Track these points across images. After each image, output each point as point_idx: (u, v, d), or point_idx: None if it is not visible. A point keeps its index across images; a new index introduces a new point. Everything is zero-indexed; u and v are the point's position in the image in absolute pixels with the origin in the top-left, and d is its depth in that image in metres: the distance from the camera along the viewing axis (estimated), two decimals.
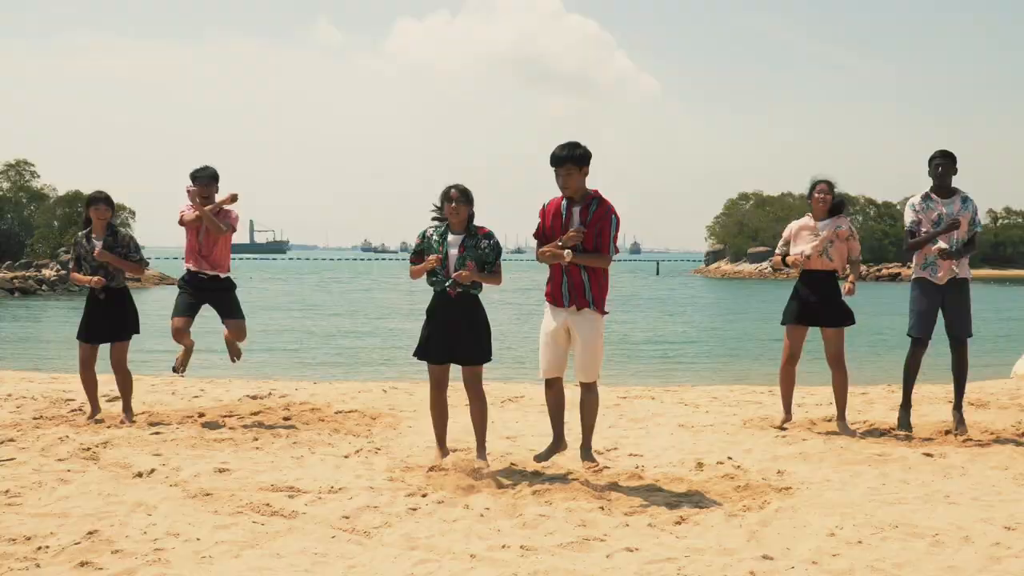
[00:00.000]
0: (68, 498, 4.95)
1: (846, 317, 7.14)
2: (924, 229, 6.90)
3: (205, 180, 7.44)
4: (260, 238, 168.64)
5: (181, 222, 7.44)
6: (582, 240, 5.50)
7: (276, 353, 18.97)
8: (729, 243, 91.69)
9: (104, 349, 7.39)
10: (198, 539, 4.29)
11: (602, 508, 4.92)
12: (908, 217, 6.99)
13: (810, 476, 5.71)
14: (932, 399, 8.66)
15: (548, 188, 5.78)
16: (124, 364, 7.43)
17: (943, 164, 6.94)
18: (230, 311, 7.61)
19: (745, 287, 63.64)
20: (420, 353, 5.86)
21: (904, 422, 7.14)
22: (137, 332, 7.53)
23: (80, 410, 7.76)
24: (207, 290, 7.47)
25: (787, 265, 7.25)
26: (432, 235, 5.77)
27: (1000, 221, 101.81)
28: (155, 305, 28.16)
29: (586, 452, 5.91)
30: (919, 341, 7.02)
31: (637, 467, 5.95)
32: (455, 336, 5.73)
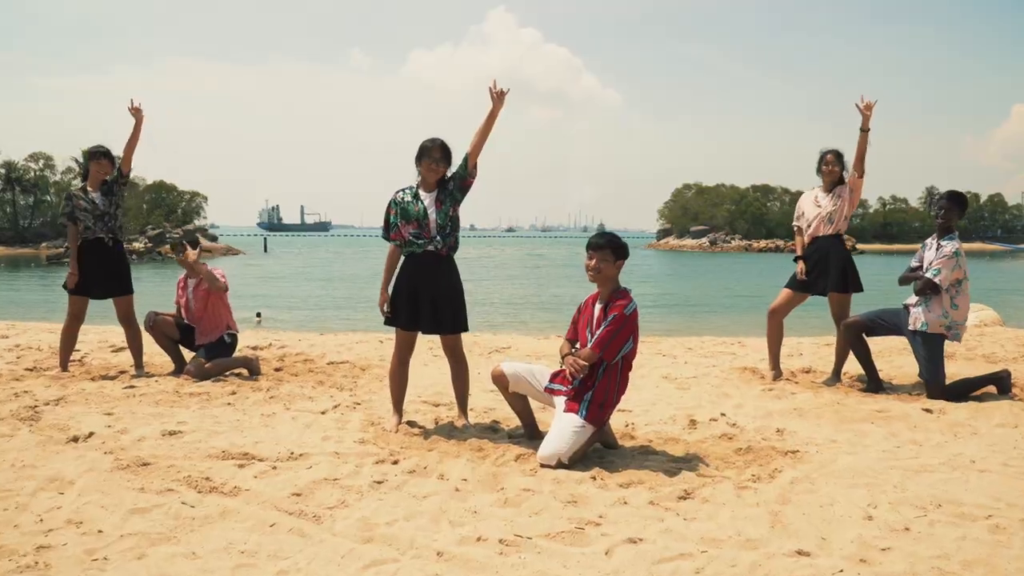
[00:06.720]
0: None
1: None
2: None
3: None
4: (309, 219, 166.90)
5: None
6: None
7: (307, 309, 17.29)
8: (675, 223, 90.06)
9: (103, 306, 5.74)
10: (100, 532, 2.66)
11: (594, 479, 3.33)
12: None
13: (813, 436, 4.11)
14: (899, 351, 7.00)
15: (523, 178, 4.01)
16: (133, 318, 5.73)
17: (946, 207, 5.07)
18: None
19: (689, 258, 61.85)
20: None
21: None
22: (131, 291, 5.74)
23: (80, 362, 6.11)
24: None
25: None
26: (403, 199, 4.09)
27: (887, 206, 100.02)
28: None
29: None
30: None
31: (627, 424, 4.35)
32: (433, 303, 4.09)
